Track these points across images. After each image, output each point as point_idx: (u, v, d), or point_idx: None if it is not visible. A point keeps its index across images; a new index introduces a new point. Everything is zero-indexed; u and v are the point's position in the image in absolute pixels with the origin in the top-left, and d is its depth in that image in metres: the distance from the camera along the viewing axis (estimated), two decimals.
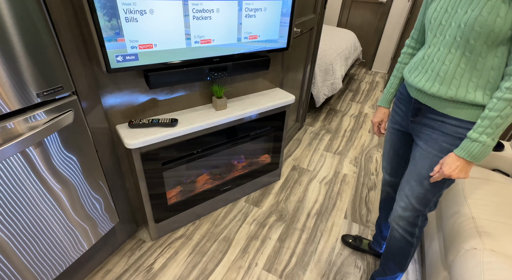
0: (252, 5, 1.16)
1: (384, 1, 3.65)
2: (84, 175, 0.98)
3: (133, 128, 1.12)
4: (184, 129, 1.17)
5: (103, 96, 1.03)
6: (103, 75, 1.00)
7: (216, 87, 1.29)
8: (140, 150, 1.10)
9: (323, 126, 2.58)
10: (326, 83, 2.56)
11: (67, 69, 0.82)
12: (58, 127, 0.82)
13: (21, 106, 0.74)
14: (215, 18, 1.09)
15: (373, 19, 3.84)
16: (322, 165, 2.05)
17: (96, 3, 0.82)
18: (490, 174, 1.16)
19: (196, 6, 1.02)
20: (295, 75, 1.97)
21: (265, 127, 1.54)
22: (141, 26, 0.94)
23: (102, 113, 1.04)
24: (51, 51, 0.76)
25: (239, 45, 1.23)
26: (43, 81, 0.76)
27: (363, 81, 3.70)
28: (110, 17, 0.86)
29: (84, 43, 0.90)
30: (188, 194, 1.44)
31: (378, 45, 3.94)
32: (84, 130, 0.94)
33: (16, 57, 0.69)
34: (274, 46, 1.35)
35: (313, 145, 2.29)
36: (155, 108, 1.21)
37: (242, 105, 1.39)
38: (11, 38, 0.67)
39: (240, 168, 1.66)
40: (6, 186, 0.76)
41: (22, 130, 0.75)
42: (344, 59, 2.86)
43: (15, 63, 0.69)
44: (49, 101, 0.81)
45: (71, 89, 0.84)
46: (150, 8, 0.93)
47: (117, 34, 0.90)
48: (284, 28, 1.33)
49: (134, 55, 0.97)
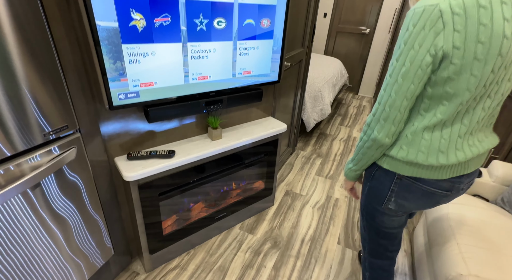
0: (246, 44, 1.26)
1: (366, 32, 3.91)
2: (82, 210, 0.99)
3: (131, 160, 1.15)
4: (181, 160, 1.21)
5: (103, 131, 1.08)
6: (104, 111, 1.04)
7: (211, 119, 1.36)
8: (138, 182, 1.13)
9: (314, 151, 2.66)
10: (315, 109, 2.67)
11: (72, 108, 0.87)
12: (61, 165, 0.85)
13: (26, 148, 0.77)
14: (212, 57, 1.18)
15: (358, 48, 4.08)
16: (314, 190, 2.10)
17: (103, 48, 0.89)
18: (472, 200, 1.23)
19: (194, 47, 1.11)
20: (286, 102, 2.07)
21: (258, 155, 1.59)
22: (143, 67, 1.00)
23: (102, 147, 1.08)
24: (59, 93, 0.81)
25: (233, 80, 1.31)
26: (50, 122, 0.80)
27: (351, 106, 3.86)
28: (115, 60, 0.93)
29: (89, 83, 0.95)
30: (184, 223, 1.45)
31: (363, 72, 4.16)
32: (85, 165, 0.97)
33: (25, 100, 0.73)
34: (266, 80, 1.44)
35: (305, 169, 2.35)
36: (153, 140, 1.25)
37: (236, 135, 1.44)
38: (20, 82, 0.71)
39: (235, 195, 1.69)
40: (2, 224, 0.76)
41: (25, 170, 0.77)
42: (332, 86, 3.01)
43: (23, 106, 0.73)
44: (53, 140, 0.85)
45: (75, 128, 0.88)
46: (152, 50, 1.00)
47: (120, 75, 0.97)
48: (275, 64, 1.43)
49: (136, 93, 1.03)
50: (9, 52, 0.67)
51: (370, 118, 0.71)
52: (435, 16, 0.54)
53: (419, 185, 0.74)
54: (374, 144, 0.71)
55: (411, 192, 0.76)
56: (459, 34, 0.54)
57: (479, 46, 0.55)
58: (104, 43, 0.88)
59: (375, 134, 0.70)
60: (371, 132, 0.71)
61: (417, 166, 0.71)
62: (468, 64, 0.56)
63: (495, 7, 0.53)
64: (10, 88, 0.69)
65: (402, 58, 0.60)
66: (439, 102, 0.63)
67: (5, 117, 0.70)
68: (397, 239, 0.95)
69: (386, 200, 0.80)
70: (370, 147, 0.72)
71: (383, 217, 0.86)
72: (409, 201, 0.79)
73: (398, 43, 0.62)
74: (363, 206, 0.92)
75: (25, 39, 0.69)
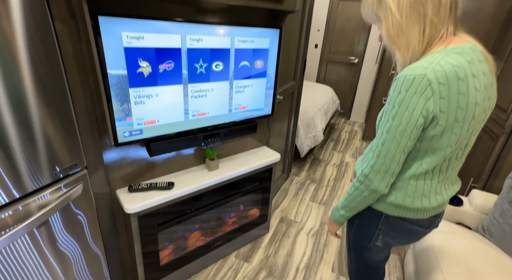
0: (241, 83, 1.38)
1: (355, 61, 4.15)
2: (83, 244, 1.03)
3: (132, 192, 1.21)
4: (180, 192, 1.27)
5: (107, 165, 1.14)
6: (109, 146, 1.12)
7: (209, 151, 1.44)
8: (138, 213, 1.18)
9: (308, 176, 2.73)
10: (308, 135, 2.78)
11: (81, 147, 0.94)
12: (68, 202, 0.91)
13: (35, 188, 0.81)
14: (210, 96, 1.28)
15: (348, 75, 4.30)
16: (308, 216, 2.14)
17: (112, 93, 0.98)
18: (455, 228, 1.29)
19: (194, 88, 1.21)
20: (280, 128, 2.17)
21: (254, 183, 1.66)
22: (147, 107, 1.10)
23: (105, 180, 1.14)
24: (71, 134, 0.89)
25: (230, 115, 1.41)
26: (60, 161, 0.87)
27: (343, 131, 3.99)
28: (122, 102, 1.02)
29: (97, 122, 1.04)
30: (180, 253, 1.48)
31: (354, 98, 4.35)
32: (89, 199, 1.02)
33: (38, 142, 0.78)
34: (260, 114, 1.55)
35: (299, 195, 2.40)
36: (153, 171, 1.32)
37: (233, 165, 1.52)
38: (35, 126, 0.77)
39: (231, 223, 1.73)
40: (7, 265, 0.77)
41: (32, 210, 0.80)
42: (324, 113, 3.15)
43: (35, 148, 0.78)
44: (62, 178, 0.91)
45: (83, 165, 0.95)
46: (156, 92, 1.10)
47: (126, 115, 1.05)
48: (269, 99, 1.55)
49: (139, 130, 1.12)
50: (28, 100, 0.73)
51: (368, 170, 0.74)
52: (424, 84, 0.63)
53: (404, 223, 0.82)
54: (373, 194, 0.77)
55: (397, 230, 0.84)
56: (444, 101, 0.64)
57: (459, 110, 0.65)
58: (113, 88, 0.98)
59: (376, 185, 0.74)
60: (369, 183, 0.75)
61: (403, 208, 0.79)
62: (450, 125, 0.67)
63: (469, 79, 0.64)
64: (24, 131, 0.75)
65: (398, 118, 0.67)
66: (425, 155, 0.73)
67: (17, 159, 0.75)
68: (382, 270, 1.02)
69: (374, 237, 0.87)
70: (368, 196, 0.78)
71: (371, 252, 0.93)
72: (394, 239, 0.86)
73: (392, 103, 0.69)
74: (351, 241, 0.98)
75: (43, 87, 0.77)
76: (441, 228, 1.28)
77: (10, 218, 0.77)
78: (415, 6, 0.65)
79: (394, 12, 0.67)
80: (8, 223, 0.77)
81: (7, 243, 0.76)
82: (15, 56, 0.69)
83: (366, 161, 0.77)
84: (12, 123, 0.72)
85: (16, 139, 0.74)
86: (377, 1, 0.70)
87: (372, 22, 0.77)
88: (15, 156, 0.75)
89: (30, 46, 0.71)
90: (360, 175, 0.77)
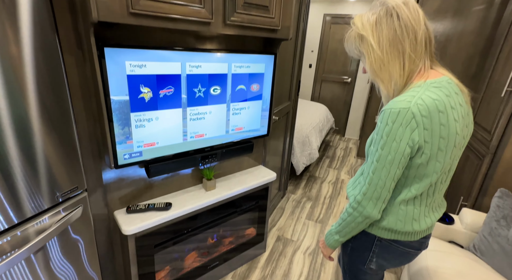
0: (238, 105, 1.43)
1: (348, 81, 4.29)
2: (79, 269, 1.02)
3: (130, 214, 1.22)
4: (177, 212, 1.29)
5: (106, 186, 1.17)
6: (108, 168, 1.15)
7: (206, 171, 1.47)
8: (135, 234, 1.19)
9: (304, 194, 2.75)
10: (304, 153, 2.83)
11: (82, 170, 0.97)
12: (67, 225, 0.92)
13: (34, 213, 0.81)
14: (208, 118, 1.33)
15: (342, 94, 4.42)
16: (305, 235, 2.14)
17: (114, 117, 1.03)
18: (448, 246, 1.32)
19: (193, 111, 1.26)
20: (276, 146, 2.21)
21: (251, 202, 1.68)
22: (147, 131, 1.14)
23: (104, 202, 1.16)
24: (73, 158, 0.92)
25: (227, 136, 1.46)
26: (61, 185, 0.89)
27: (338, 148, 4.05)
28: (123, 126, 1.06)
29: (98, 145, 1.07)
30: (177, 274, 1.47)
31: (348, 115, 4.45)
32: (88, 222, 1.04)
33: (40, 167, 0.80)
34: (257, 134, 1.59)
35: (296, 213, 2.41)
36: (151, 192, 1.34)
37: (229, 185, 1.55)
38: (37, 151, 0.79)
39: (227, 243, 1.73)
40: None
41: (31, 235, 0.80)
42: (319, 131, 3.21)
43: (37, 172, 0.79)
44: (62, 202, 0.93)
45: (84, 187, 0.98)
46: (156, 116, 1.15)
47: (127, 138, 1.09)
48: (264, 119, 1.60)
49: (139, 153, 1.15)
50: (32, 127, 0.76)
51: (361, 197, 0.78)
52: (409, 117, 0.68)
53: (396, 246, 0.86)
54: (366, 219, 0.80)
55: (390, 252, 0.87)
56: (427, 132, 0.69)
57: (441, 140, 0.71)
58: (115, 113, 1.02)
59: (369, 211, 0.78)
60: (362, 210, 0.78)
61: (395, 231, 0.83)
62: (434, 154, 0.72)
63: (448, 111, 0.70)
64: (27, 157, 0.76)
65: (387, 148, 0.72)
66: (413, 181, 0.77)
67: (18, 185, 0.75)
68: None
69: (368, 260, 0.90)
70: (361, 221, 0.81)
71: (365, 275, 0.96)
72: (388, 261, 0.90)
73: (380, 134, 0.73)
74: (346, 264, 1.00)
75: (48, 115, 0.80)
76: (434, 247, 1.30)
77: (8, 244, 0.77)
78: (394, 44, 0.72)
79: (376, 49, 0.73)
80: (5, 249, 0.76)
81: (4, 270, 0.75)
82: (23, 86, 0.72)
83: (358, 187, 0.81)
84: (15, 149, 0.74)
85: (18, 165, 0.76)
86: (359, 38, 0.77)
87: (355, 57, 0.83)
88: (16, 182, 0.76)
89: (38, 76, 0.75)
90: (353, 202, 0.80)
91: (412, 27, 0.71)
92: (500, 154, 1.44)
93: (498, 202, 1.27)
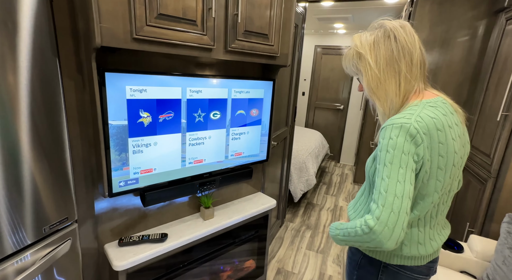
0: (237, 130, 1.41)
1: (341, 108, 4.38)
2: None
3: (122, 246, 1.13)
4: (174, 244, 1.20)
5: (97, 217, 1.08)
6: (101, 197, 1.08)
7: (204, 198, 1.40)
8: (127, 270, 1.09)
9: (303, 222, 2.65)
10: (301, 179, 2.78)
11: (74, 200, 0.90)
12: (52, 262, 0.83)
13: (15, 250, 0.72)
14: (207, 143, 1.30)
15: (335, 120, 4.49)
16: (306, 266, 2.02)
17: (111, 142, 0.98)
18: (460, 277, 1.25)
19: (192, 136, 1.23)
20: (274, 172, 2.16)
21: (250, 232, 1.59)
22: (145, 156, 1.09)
23: (94, 234, 1.07)
24: (64, 187, 0.85)
25: (226, 161, 1.41)
26: (48, 217, 0.80)
27: (334, 174, 4.02)
28: (120, 152, 1.02)
29: (91, 172, 1.01)
30: None
31: (342, 141, 4.48)
32: (76, 257, 0.94)
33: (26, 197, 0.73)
34: (256, 159, 1.56)
35: (295, 243, 2.30)
36: (145, 222, 1.26)
37: (228, 213, 1.47)
38: (25, 180, 0.73)
39: (226, 278, 1.61)
40: None
41: (8, 276, 0.71)
42: (315, 157, 3.20)
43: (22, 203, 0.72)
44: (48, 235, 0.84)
45: (74, 218, 0.90)
46: (154, 141, 1.11)
47: (123, 164, 1.04)
48: (263, 145, 1.57)
49: (135, 180, 1.09)
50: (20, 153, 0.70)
51: (373, 222, 0.66)
52: (413, 131, 0.66)
53: (403, 271, 0.80)
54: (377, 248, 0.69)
55: (397, 279, 0.81)
56: (428, 150, 0.68)
57: (441, 158, 0.69)
58: (112, 138, 0.98)
59: (383, 242, 0.65)
60: (375, 237, 0.66)
61: (401, 256, 0.78)
62: (434, 172, 0.70)
63: (446, 130, 0.70)
64: (12, 187, 0.69)
65: (396, 161, 0.66)
66: (415, 202, 0.74)
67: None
68: None
69: None
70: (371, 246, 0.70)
71: None
72: None
73: (384, 149, 0.68)
74: None
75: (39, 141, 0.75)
76: (446, 277, 1.23)
77: None
78: (391, 63, 0.73)
79: (373, 67, 0.74)
80: None
81: None
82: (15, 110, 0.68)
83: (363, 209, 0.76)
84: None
85: (1, 196, 0.68)
86: (357, 56, 0.77)
87: (353, 74, 0.84)
88: None
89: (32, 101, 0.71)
90: (364, 225, 0.68)
91: (408, 49, 0.72)
92: (503, 178, 1.43)
93: (508, 227, 1.23)
